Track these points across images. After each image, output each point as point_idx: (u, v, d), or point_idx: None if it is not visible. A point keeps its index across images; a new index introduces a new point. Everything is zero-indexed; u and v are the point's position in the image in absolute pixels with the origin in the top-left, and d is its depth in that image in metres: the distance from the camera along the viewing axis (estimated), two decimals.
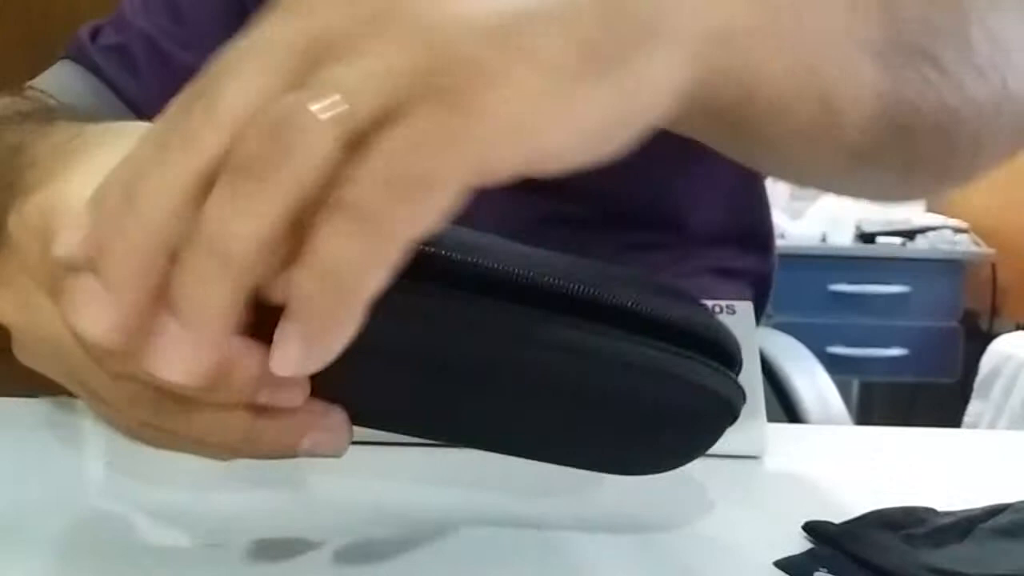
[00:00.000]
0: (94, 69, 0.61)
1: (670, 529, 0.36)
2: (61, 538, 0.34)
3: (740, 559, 0.34)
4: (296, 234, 0.20)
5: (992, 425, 1.85)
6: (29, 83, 0.61)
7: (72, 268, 0.22)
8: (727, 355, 0.30)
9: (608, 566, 0.33)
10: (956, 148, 0.32)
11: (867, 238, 2.36)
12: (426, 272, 0.25)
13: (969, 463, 0.47)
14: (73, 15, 2.04)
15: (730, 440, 0.43)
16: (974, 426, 1.93)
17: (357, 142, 0.20)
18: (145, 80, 0.61)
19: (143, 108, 0.61)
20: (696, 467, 0.42)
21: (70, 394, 0.34)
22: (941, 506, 0.37)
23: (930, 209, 2.48)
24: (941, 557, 0.33)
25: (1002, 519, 0.37)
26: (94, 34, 0.63)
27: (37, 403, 0.48)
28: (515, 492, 0.40)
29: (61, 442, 0.44)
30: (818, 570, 0.32)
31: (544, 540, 0.35)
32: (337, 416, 0.26)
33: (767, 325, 0.80)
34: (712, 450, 0.43)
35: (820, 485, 0.42)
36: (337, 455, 0.27)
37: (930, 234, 2.36)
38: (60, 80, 0.61)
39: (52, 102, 0.54)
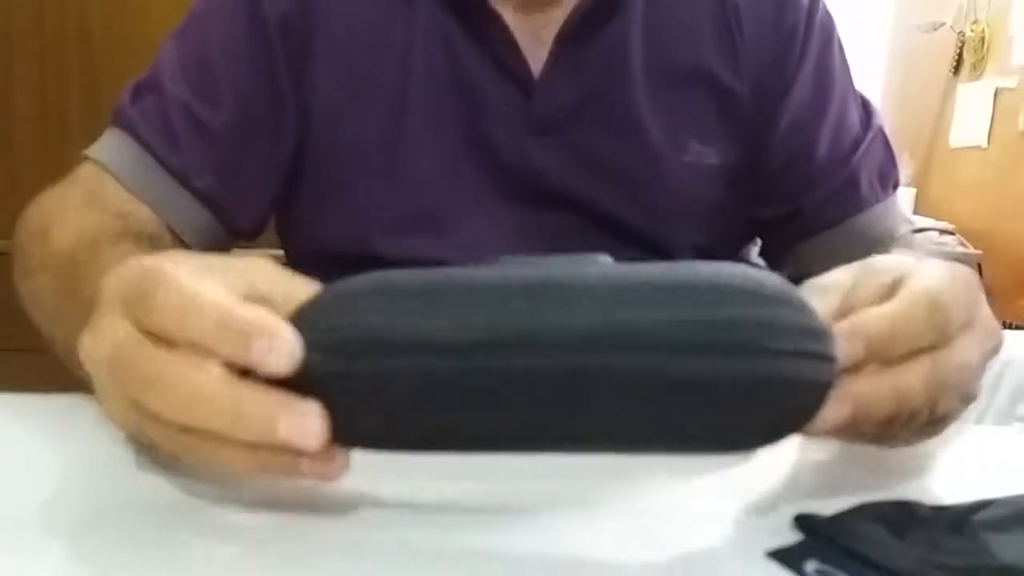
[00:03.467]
0: (139, 141, 0.63)
1: (663, 520, 0.37)
2: (65, 535, 0.34)
3: (733, 550, 0.34)
4: None
5: (979, 421, 1.86)
6: (85, 152, 0.63)
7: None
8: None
9: (601, 555, 0.33)
10: None
11: None
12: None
13: (957, 458, 0.47)
14: (85, 31, 2.04)
15: None
16: (962, 422, 1.94)
17: None
18: (186, 152, 0.63)
19: (187, 176, 0.63)
20: (689, 461, 0.43)
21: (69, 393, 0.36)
22: (930, 500, 0.38)
23: (916, 212, 2.50)
24: (930, 550, 0.34)
25: (989, 513, 0.37)
26: (134, 98, 0.64)
27: (41, 399, 0.48)
28: (509, 487, 0.40)
29: (65, 439, 0.44)
30: (809, 560, 0.33)
31: (539, 529, 0.35)
32: (311, 406, 0.31)
33: None
34: None
35: (812, 479, 0.42)
36: (313, 446, 0.31)
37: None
38: (110, 152, 0.63)
39: (129, 212, 0.61)
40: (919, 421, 0.37)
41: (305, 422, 0.31)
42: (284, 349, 0.30)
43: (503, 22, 0.65)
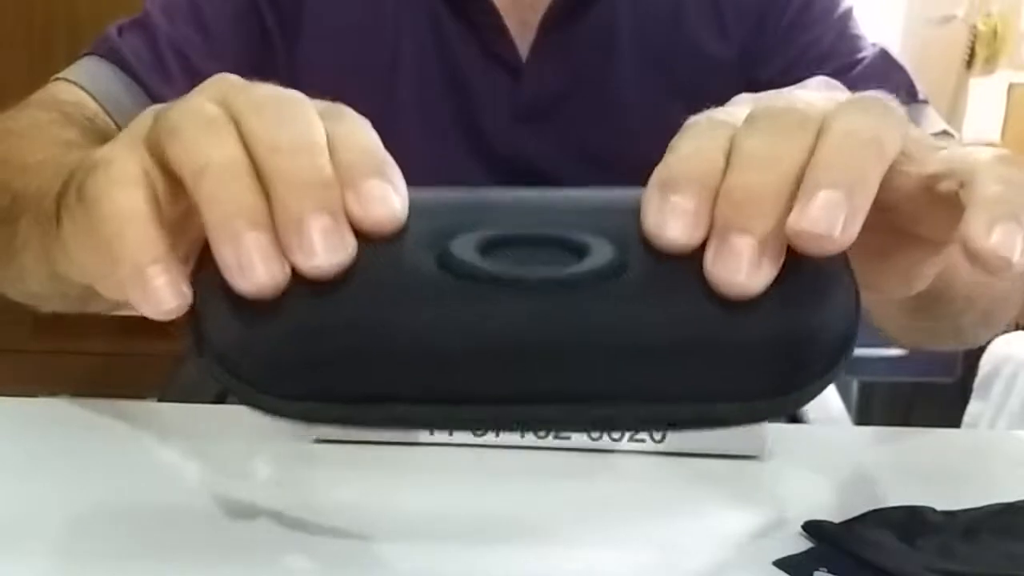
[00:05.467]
0: (125, 67, 0.61)
1: (670, 528, 0.36)
2: (62, 538, 0.34)
3: (740, 558, 0.34)
4: None
5: (992, 425, 1.85)
6: (59, 75, 0.61)
7: None
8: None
9: (608, 564, 0.33)
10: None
11: None
12: None
13: (969, 463, 0.47)
14: (73, 18, 2.04)
15: (730, 440, 0.44)
16: (974, 426, 1.93)
17: None
18: (178, 89, 0.61)
19: None
20: (696, 467, 0.43)
21: (71, 394, 0.35)
22: (941, 506, 0.37)
23: None
24: (941, 557, 0.33)
25: (1002, 519, 0.37)
26: (121, 32, 0.63)
27: (37, 403, 0.48)
28: (513, 490, 0.40)
29: (61, 442, 0.44)
30: (818, 569, 0.32)
31: (542, 537, 0.35)
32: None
33: None
34: (712, 450, 0.44)
35: (820, 485, 0.42)
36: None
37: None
38: (93, 76, 0.61)
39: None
40: None
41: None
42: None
43: (492, 6, 0.65)
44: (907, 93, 0.67)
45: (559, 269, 0.25)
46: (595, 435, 0.44)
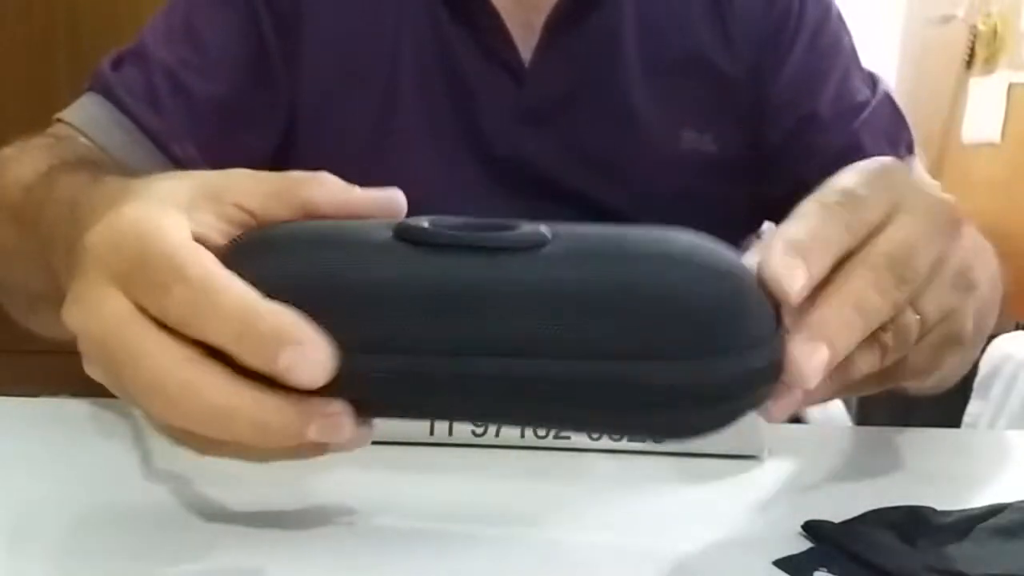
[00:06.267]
0: (118, 104, 0.62)
1: (670, 528, 0.36)
2: (62, 538, 0.34)
3: (740, 558, 0.34)
4: None
5: (992, 425, 1.85)
6: (58, 116, 0.62)
7: None
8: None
9: (608, 564, 0.33)
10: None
11: None
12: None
13: (968, 463, 0.47)
14: (73, 18, 2.03)
15: (730, 440, 0.44)
16: (973, 426, 1.93)
17: None
18: (168, 115, 0.62)
19: (166, 141, 0.62)
20: (696, 467, 0.43)
21: (71, 394, 0.35)
22: (940, 505, 0.37)
23: None
24: (940, 556, 0.33)
25: (1001, 519, 0.37)
26: (116, 64, 0.64)
27: (38, 403, 0.48)
28: (514, 490, 0.40)
29: (61, 442, 0.44)
30: (817, 569, 0.32)
31: (542, 537, 0.35)
32: (337, 405, 0.28)
33: None
34: (712, 450, 0.44)
35: (820, 485, 0.42)
36: (347, 447, 0.29)
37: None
38: (87, 115, 0.62)
39: (93, 151, 0.56)
40: (913, 334, 0.33)
41: (336, 422, 0.28)
42: (317, 358, 0.27)
43: (494, 8, 0.65)
44: (907, 147, 0.69)
45: (490, 235, 0.29)
46: (595, 435, 0.44)
